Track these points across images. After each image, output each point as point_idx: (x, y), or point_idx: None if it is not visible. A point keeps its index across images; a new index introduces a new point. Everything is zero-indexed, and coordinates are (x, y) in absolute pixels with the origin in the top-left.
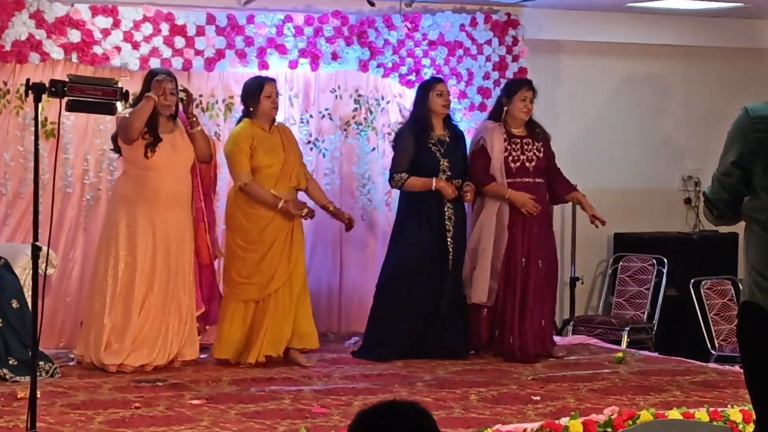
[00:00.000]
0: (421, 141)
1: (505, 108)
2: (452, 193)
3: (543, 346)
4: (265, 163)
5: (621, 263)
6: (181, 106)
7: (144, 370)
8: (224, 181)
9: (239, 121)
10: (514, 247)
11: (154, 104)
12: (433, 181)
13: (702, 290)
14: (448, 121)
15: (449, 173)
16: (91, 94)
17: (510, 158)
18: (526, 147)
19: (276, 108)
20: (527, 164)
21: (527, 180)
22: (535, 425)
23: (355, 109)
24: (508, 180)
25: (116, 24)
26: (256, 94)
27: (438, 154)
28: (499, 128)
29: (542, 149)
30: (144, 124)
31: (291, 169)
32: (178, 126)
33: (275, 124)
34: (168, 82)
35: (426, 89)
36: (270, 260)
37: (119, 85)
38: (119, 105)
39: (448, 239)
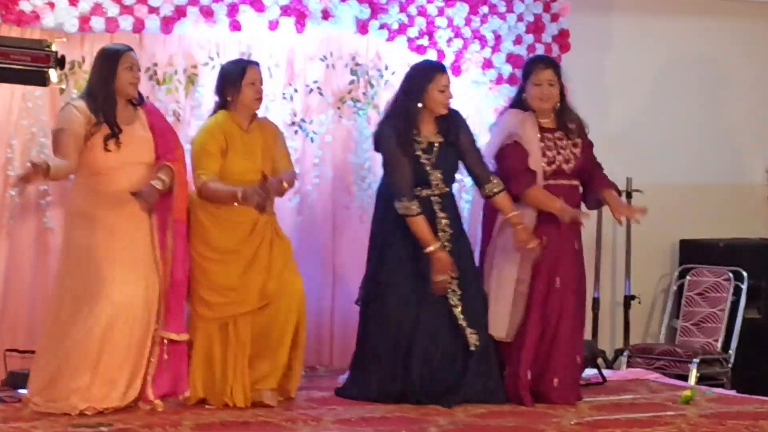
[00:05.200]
0: (407, 149)
1: (523, 95)
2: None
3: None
4: (236, 170)
5: (688, 278)
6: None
7: (85, 413)
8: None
9: (213, 112)
10: (544, 267)
11: (116, 86)
12: (431, 246)
13: None
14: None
15: (444, 187)
16: (17, 60)
17: (544, 159)
18: (560, 144)
19: (260, 99)
20: (564, 166)
21: (563, 182)
22: None
23: (352, 82)
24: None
25: None
26: (237, 82)
27: (427, 166)
28: (531, 119)
29: (580, 146)
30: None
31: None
32: (138, 117)
33: (256, 119)
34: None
35: (424, 79)
36: (250, 274)
37: (53, 48)
38: (53, 74)
39: None
